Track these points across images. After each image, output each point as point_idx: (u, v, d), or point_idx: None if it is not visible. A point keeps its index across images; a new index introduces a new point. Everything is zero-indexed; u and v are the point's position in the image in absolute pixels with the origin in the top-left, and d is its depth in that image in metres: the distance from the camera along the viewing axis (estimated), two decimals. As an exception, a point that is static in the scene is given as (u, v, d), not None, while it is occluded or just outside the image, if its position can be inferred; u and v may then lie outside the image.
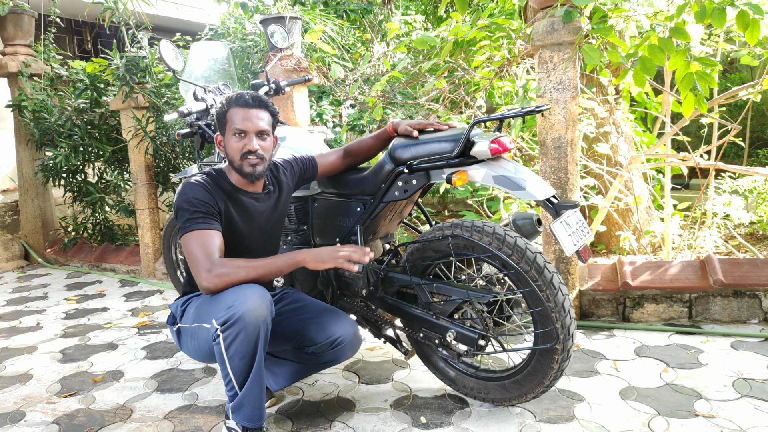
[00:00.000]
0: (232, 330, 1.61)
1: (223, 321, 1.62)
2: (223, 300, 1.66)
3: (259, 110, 1.80)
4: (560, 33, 2.42)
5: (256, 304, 1.63)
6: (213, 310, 1.68)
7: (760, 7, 2.10)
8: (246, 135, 1.78)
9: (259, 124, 1.79)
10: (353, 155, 2.11)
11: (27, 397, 2.27)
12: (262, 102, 1.81)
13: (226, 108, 1.80)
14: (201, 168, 2.59)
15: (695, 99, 2.36)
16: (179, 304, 1.92)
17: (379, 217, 2.04)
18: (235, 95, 1.80)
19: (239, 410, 1.70)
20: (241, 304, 1.61)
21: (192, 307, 1.85)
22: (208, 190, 1.77)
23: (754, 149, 5.33)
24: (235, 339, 1.62)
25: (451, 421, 1.90)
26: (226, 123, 1.80)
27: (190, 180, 1.80)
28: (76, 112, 4.37)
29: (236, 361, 1.64)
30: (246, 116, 1.78)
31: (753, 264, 2.62)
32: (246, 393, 1.68)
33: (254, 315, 1.62)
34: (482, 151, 1.74)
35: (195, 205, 1.73)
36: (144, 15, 4.37)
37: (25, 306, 3.62)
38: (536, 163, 3.16)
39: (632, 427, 1.80)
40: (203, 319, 1.74)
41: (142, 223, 4.11)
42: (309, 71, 3.29)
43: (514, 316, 1.88)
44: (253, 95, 1.80)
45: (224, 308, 1.63)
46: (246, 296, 1.63)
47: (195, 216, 1.72)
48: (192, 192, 1.75)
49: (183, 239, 1.72)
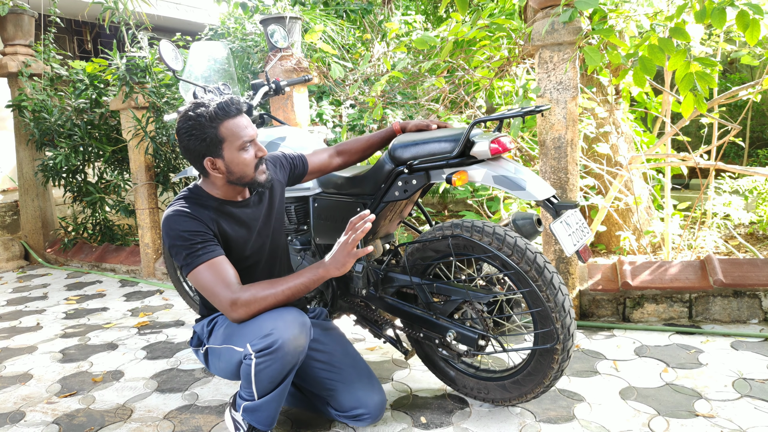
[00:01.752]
0: (269, 359, 1.56)
1: (260, 348, 1.55)
2: (260, 325, 1.58)
3: (244, 114, 1.69)
4: (560, 33, 2.42)
5: (296, 333, 1.57)
6: (247, 333, 1.60)
7: (760, 7, 2.10)
8: (252, 143, 1.68)
9: (254, 128, 1.69)
10: (346, 154, 2.07)
11: (27, 397, 2.27)
12: (242, 104, 1.69)
13: (213, 125, 1.62)
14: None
15: (695, 99, 2.36)
16: (204, 324, 1.84)
17: (379, 217, 2.04)
18: (213, 110, 1.62)
19: (253, 412, 1.68)
20: (281, 332, 1.55)
21: (221, 327, 1.77)
22: (194, 216, 1.65)
23: (754, 149, 5.33)
24: (269, 367, 1.57)
25: (451, 421, 1.90)
26: (223, 141, 1.64)
27: (171, 213, 1.65)
28: (76, 112, 4.37)
29: (264, 383, 1.60)
30: (245, 124, 1.66)
31: (753, 264, 2.62)
32: (264, 403, 1.65)
33: (293, 345, 1.57)
34: (482, 151, 1.74)
35: (188, 238, 1.61)
36: (144, 15, 4.37)
37: (25, 306, 3.62)
38: (536, 163, 3.16)
39: (632, 427, 1.80)
40: (234, 341, 1.66)
41: (142, 223, 4.11)
42: (309, 71, 3.29)
43: (514, 316, 1.88)
44: (233, 100, 1.65)
45: (262, 334, 1.56)
46: (286, 324, 1.56)
47: (193, 249, 1.61)
48: (179, 225, 1.63)
49: (191, 277, 1.62)
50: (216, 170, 1.68)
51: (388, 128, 2.06)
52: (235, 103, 1.65)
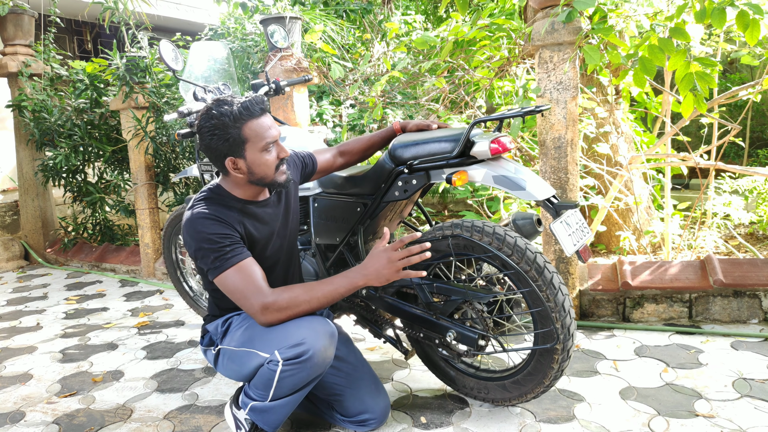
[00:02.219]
0: (297, 368, 1.55)
1: (290, 357, 1.54)
2: (289, 332, 1.56)
3: (268, 114, 1.66)
4: (560, 33, 2.42)
5: (326, 344, 1.57)
6: (273, 339, 1.59)
7: (760, 7, 2.10)
8: (275, 144, 1.65)
9: (276, 127, 1.67)
10: (348, 155, 2.06)
11: (27, 397, 2.27)
12: (266, 104, 1.66)
13: (236, 125, 1.59)
14: (201, 168, 2.59)
15: (695, 99, 2.36)
16: (218, 324, 1.81)
17: (380, 217, 2.04)
18: (239, 108, 1.59)
19: (261, 413, 1.67)
20: (312, 343, 1.53)
21: (238, 329, 1.74)
22: (221, 219, 1.62)
23: (754, 149, 5.33)
24: (295, 375, 1.56)
25: (451, 421, 1.90)
26: (246, 141, 1.61)
27: (196, 215, 1.62)
28: (76, 112, 4.37)
29: (284, 390, 1.60)
30: (268, 124, 1.63)
31: (753, 264, 2.62)
32: (276, 406, 1.64)
33: (322, 357, 1.56)
34: (482, 151, 1.74)
35: (216, 241, 1.58)
36: (144, 15, 4.37)
37: (25, 306, 3.62)
38: (536, 163, 3.16)
39: (632, 427, 1.80)
40: (257, 346, 1.63)
41: (142, 223, 4.11)
42: (309, 71, 3.29)
43: (514, 316, 1.88)
44: (257, 100, 1.63)
45: (291, 343, 1.54)
46: (317, 334, 1.55)
47: (222, 252, 1.58)
48: (206, 228, 1.59)
49: (219, 281, 1.59)
50: (237, 170, 1.66)
51: (389, 128, 2.05)
52: (259, 103, 1.62)
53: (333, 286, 1.60)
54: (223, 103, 1.61)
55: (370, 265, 1.60)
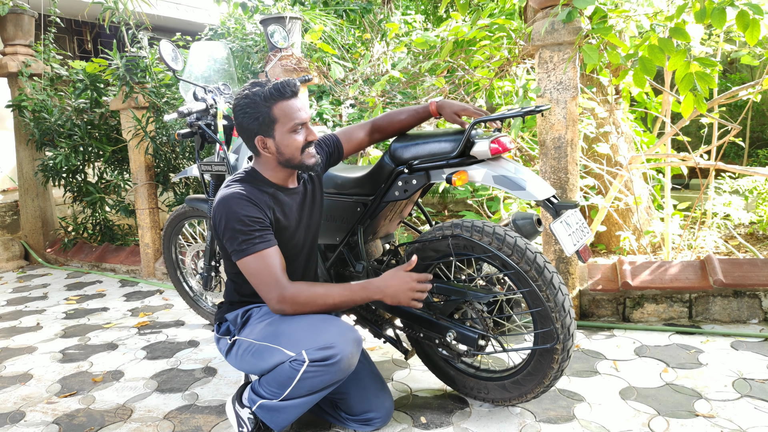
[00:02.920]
0: (322, 371, 1.55)
1: (317, 359, 1.54)
2: (318, 333, 1.57)
3: (300, 97, 1.68)
4: (560, 33, 2.42)
5: (354, 351, 1.58)
6: (301, 338, 1.58)
7: (760, 7, 2.10)
8: (304, 126, 1.67)
9: (308, 111, 1.68)
10: (381, 131, 1.99)
11: (27, 397, 2.27)
12: (297, 86, 1.67)
13: (267, 104, 1.63)
14: (201, 168, 2.59)
15: (695, 99, 2.36)
16: (239, 315, 1.80)
17: (380, 217, 2.04)
18: (270, 89, 1.63)
19: (271, 412, 1.66)
20: (342, 348, 1.54)
21: (260, 322, 1.73)
22: (255, 203, 1.64)
23: (754, 149, 5.33)
24: (317, 378, 1.56)
25: (451, 421, 1.90)
26: (275, 121, 1.64)
27: (232, 194, 1.64)
28: (76, 112, 4.37)
29: (302, 390, 1.60)
30: (297, 106, 1.65)
31: (753, 264, 2.62)
32: (288, 406, 1.64)
33: (349, 363, 1.58)
34: (482, 151, 1.74)
35: (248, 223, 1.60)
36: (144, 15, 4.37)
37: (25, 306, 3.62)
38: (536, 163, 3.16)
39: (632, 427, 1.80)
40: (283, 343, 1.62)
41: (142, 223, 4.11)
42: (309, 71, 3.29)
43: (514, 316, 1.88)
44: (289, 82, 1.65)
45: (321, 345, 1.54)
46: (347, 340, 1.56)
47: (251, 236, 1.60)
48: (241, 209, 1.61)
49: (242, 263, 1.62)
50: (266, 149, 1.69)
51: (425, 108, 1.95)
52: (291, 86, 1.65)
53: (350, 293, 1.64)
54: (256, 84, 1.67)
55: (392, 284, 1.64)
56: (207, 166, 2.57)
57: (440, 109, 1.91)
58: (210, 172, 2.58)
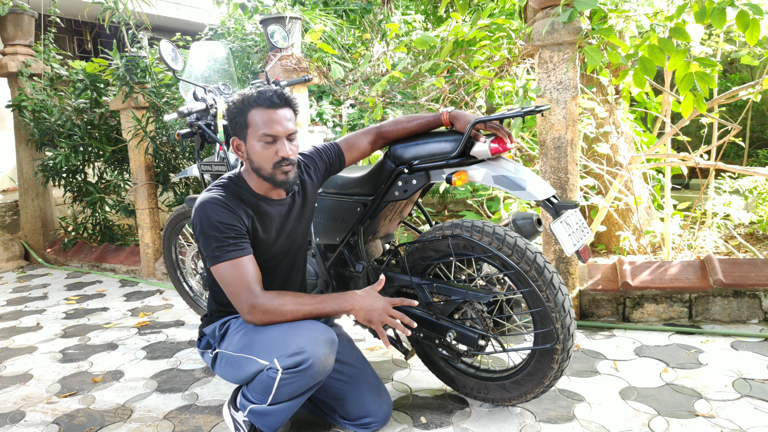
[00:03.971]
0: (297, 377, 1.54)
1: (289, 366, 1.53)
2: (289, 339, 1.55)
3: (285, 109, 1.62)
4: (560, 33, 2.42)
5: (326, 352, 1.56)
6: (273, 346, 1.58)
7: (759, 8, 2.10)
8: (276, 140, 1.61)
9: (288, 126, 1.61)
10: (387, 138, 1.93)
11: (27, 397, 2.27)
12: (286, 99, 1.62)
13: (245, 108, 1.61)
14: (201, 168, 2.59)
15: (695, 99, 2.36)
16: (216, 328, 1.79)
17: (380, 217, 2.04)
18: (255, 93, 1.60)
19: (260, 416, 1.66)
20: (312, 351, 1.53)
21: (236, 333, 1.72)
22: (232, 209, 1.62)
23: (754, 149, 5.33)
24: (294, 383, 1.56)
25: (451, 421, 1.90)
26: (248, 126, 1.61)
27: (209, 199, 1.62)
28: (76, 112, 4.37)
29: (283, 396, 1.59)
30: (274, 118, 1.60)
31: (753, 264, 2.62)
32: (276, 410, 1.64)
33: (323, 365, 1.56)
34: (482, 151, 1.74)
35: (222, 230, 1.58)
36: (144, 15, 4.37)
37: (25, 306, 3.62)
38: (536, 163, 3.16)
39: (632, 427, 1.80)
40: (256, 352, 1.62)
41: (142, 223, 4.11)
42: (309, 71, 3.29)
43: (514, 316, 1.88)
44: (276, 91, 1.61)
45: (291, 351, 1.53)
46: (317, 342, 1.55)
47: (224, 243, 1.58)
48: (216, 215, 1.59)
49: (215, 269, 1.60)
50: (240, 152, 1.68)
51: (435, 117, 1.87)
52: (277, 96, 1.61)
53: (321, 305, 1.61)
54: (253, 86, 1.68)
55: (366, 301, 1.62)
56: (207, 166, 2.57)
57: (453, 120, 1.82)
58: (210, 172, 2.58)
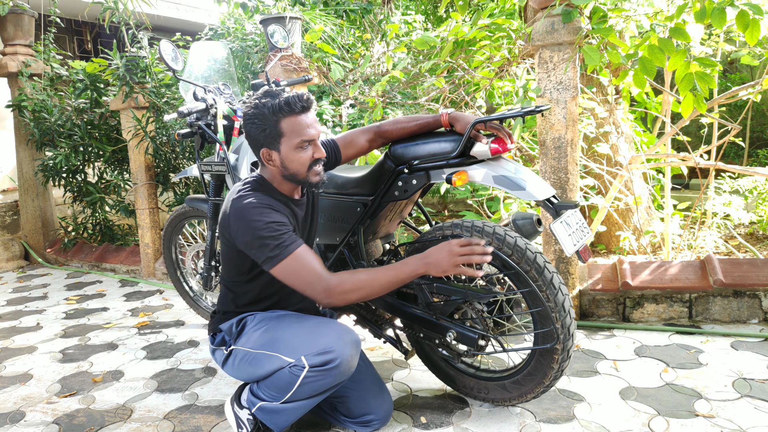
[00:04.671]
0: (322, 375, 1.56)
1: (317, 364, 1.55)
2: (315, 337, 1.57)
3: (311, 111, 1.65)
4: (560, 33, 2.42)
5: (353, 354, 1.58)
6: (301, 344, 1.59)
7: (760, 8, 2.10)
8: (311, 143, 1.64)
9: (318, 127, 1.65)
10: (386, 137, 1.94)
11: (27, 397, 2.27)
12: (309, 101, 1.63)
13: (275, 119, 1.61)
14: (201, 168, 2.59)
15: (695, 99, 2.36)
16: (233, 324, 1.79)
17: (380, 217, 2.04)
18: (281, 102, 1.60)
19: (271, 413, 1.67)
20: (340, 351, 1.55)
21: (256, 330, 1.72)
22: (276, 208, 1.64)
23: (754, 149, 5.33)
24: (318, 382, 1.57)
25: (451, 421, 1.90)
26: (281, 136, 1.62)
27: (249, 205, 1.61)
28: (76, 112, 4.37)
29: (303, 394, 1.61)
30: (306, 123, 1.62)
31: (753, 264, 2.62)
32: (289, 408, 1.64)
33: (348, 366, 1.58)
34: (482, 151, 1.74)
35: (275, 229, 1.58)
36: (144, 15, 4.37)
37: (25, 306, 3.63)
38: (536, 163, 3.16)
39: (632, 427, 1.80)
40: (281, 350, 1.62)
41: (142, 223, 4.11)
42: (309, 71, 3.29)
43: (514, 316, 1.88)
44: (299, 96, 1.62)
45: (319, 349, 1.55)
46: (345, 342, 1.57)
47: (281, 241, 1.58)
48: (265, 217, 1.59)
49: (278, 268, 1.58)
50: (271, 162, 1.67)
51: (435, 119, 1.87)
52: (303, 100, 1.62)
53: (395, 272, 1.60)
54: (269, 94, 1.63)
55: (432, 254, 1.60)
56: (207, 166, 2.57)
57: (453, 121, 1.82)
58: (210, 172, 2.58)
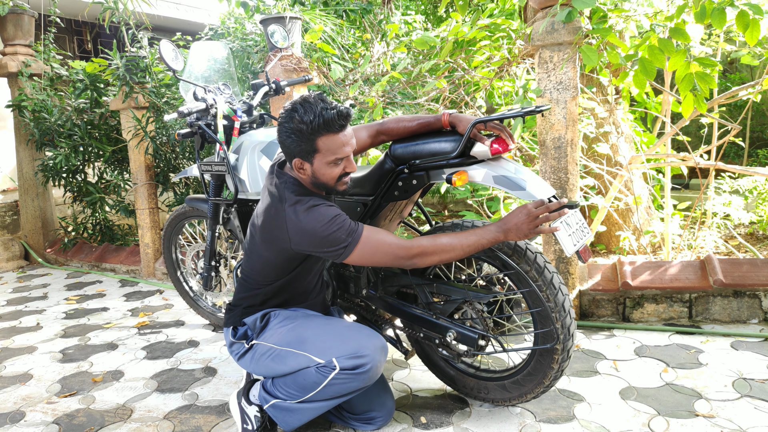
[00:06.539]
0: (352, 378, 1.58)
1: (348, 367, 1.57)
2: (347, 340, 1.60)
3: (348, 127, 1.66)
4: (560, 33, 2.42)
5: (382, 360, 1.62)
6: (332, 345, 1.61)
7: (760, 8, 2.10)
8: (344, 159, 1.67)
9: (353, 142, 1.66)
10: (388, 135, 1.94)
11: (27, 397, 2.27)
12: (347, 116, 1.63)
13: (312, 136, 1.61)
14: (201, 168, 2.59)
15: (695, 99, 2.36)
16: (257, 319, 1.80)
17: (380, 217, 2.04)
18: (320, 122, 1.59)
19: (285, 412, 1.68)
20: (373, 357, 1.58)
21: (281, 327, 1.74)
22: (329, 203, 1.68)
23: (754, 149, 5.33)
24: (344, 384, 1.59)
25: (451, 421, 1.90)
26: (317, 151, 1.63)
27: (305, 209, 1.64)
28: (76, 112, 4.37)
29: (326, 395, 1.62)
30: (343, 141, 1.63)
31: (753, 264, 2.62)
32: (306, 408, 1.66)
33: (377, 371, 1.62)
34: (482, 151, 1.74)
35: (340, 220, 1.63)
36: (144, 15, 4.37)
37: (25, 306, 3.62)
38: (536, 163, 3.16)
39: (632, 427, 1.80)
40: (309, 350, 1.64)
41: (142, 223, 4.11)
42: (309, 71, 3.29)
43: (514, 316, 1.88)
44: (339, 112, 1.60)
45: (352, 352, 1.58)
46: (376, 348, 1.61)
47: (349, 228, 1.62)
48: (326, 213, 1.63)
49: (355, 253, 1.61)
50: (302, 171, 1.70)
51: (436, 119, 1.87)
52: (342, 118, 1.61)
53: (477, 237, 1.63)
54: (308, 108, 1.60)
55: (510, 220, 1.63)
56: (207, 166, 2.57)
57: (453, 122, 1.82)
58: (210, 172, 2.58)
